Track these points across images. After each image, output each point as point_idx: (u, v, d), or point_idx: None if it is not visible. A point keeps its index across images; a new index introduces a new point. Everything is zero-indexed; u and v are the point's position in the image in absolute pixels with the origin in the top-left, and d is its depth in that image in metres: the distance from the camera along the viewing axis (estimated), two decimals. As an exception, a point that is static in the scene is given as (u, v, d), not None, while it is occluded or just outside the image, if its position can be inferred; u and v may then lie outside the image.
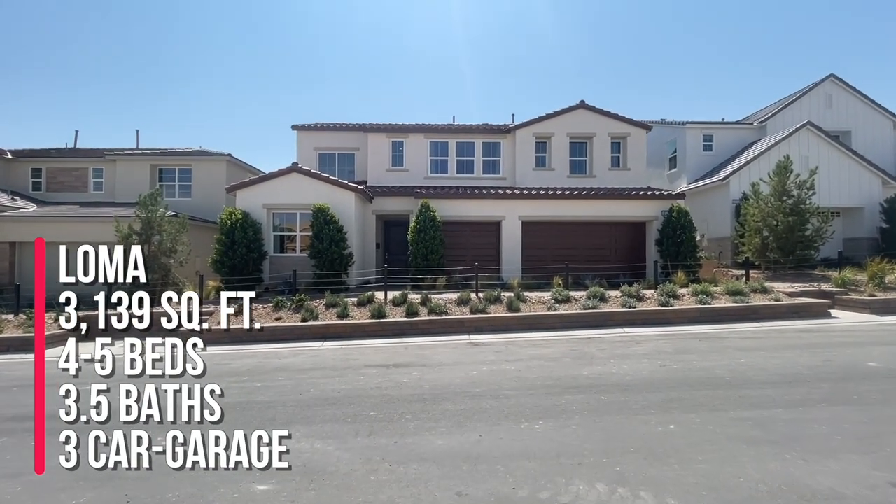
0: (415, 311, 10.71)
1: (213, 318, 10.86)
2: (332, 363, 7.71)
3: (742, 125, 21.22)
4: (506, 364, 7.11)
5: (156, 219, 14.03)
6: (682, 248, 14.73)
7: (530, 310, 10.84)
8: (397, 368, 7.11)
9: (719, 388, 5.39)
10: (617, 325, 10.16)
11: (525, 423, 4.51)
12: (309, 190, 14.45)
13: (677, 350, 7.67)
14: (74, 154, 20.42)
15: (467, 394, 5.54)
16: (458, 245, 16.04)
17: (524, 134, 18.16)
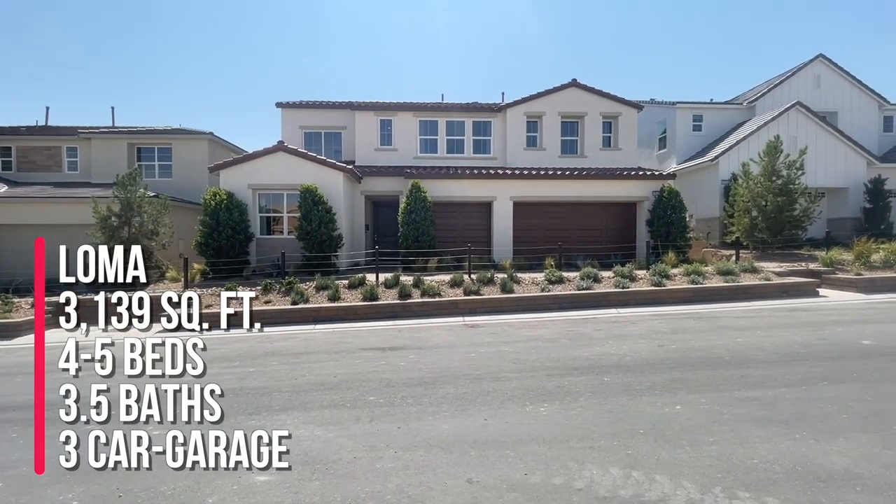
0: (407, 293, 10.55)
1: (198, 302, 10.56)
2: (325, 347, 7.55)
3: (731, 105, 21.20)
4: (503, 346, 7.02)
5: (135, 199, 13.52)
6: (673, 229, 14.78)
7: (524, 291, 10.77)
8: (393, 351, 6.98)
9: (720, 368, 5.37)
10: (611, 306, 10.17)
11: (530, 405, 4.42)
12: (296, 170, 14.03)
13: (673, 330, 7.68)
14: (47, 132, 19.46)
15: (468, 376, 5.44)
16: (449, 226, 15.85)
17: (515, 113, 17.85)
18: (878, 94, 20.82)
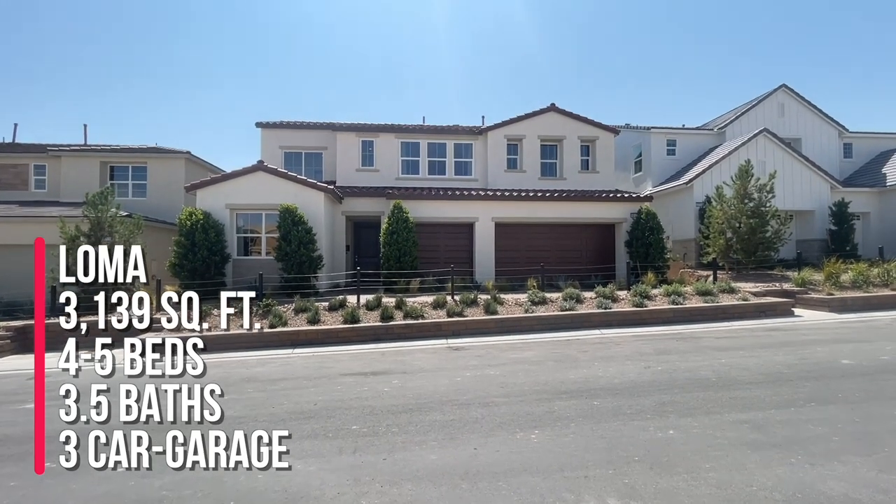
0: (390, 315, 10.33)
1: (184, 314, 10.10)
2: (304, 372, 7.25)
3: (703, 131, 22.01)
4: (489, 369, 6.87)
5: (106, 219, 13.01)
6: (651, 250, 15.02)
7: (507, 312, 10.68)
8: (376, 376, 6.74)
9: (708, 390, 5.34)
10: (594, 327, 10.15)
11: (520, 432, 4.27)
12: (275, 189, 13.80)
13: (658, 351, 7.67)
14: (13, 149, 18.77)
15: (455, 402, 5.26)
16: (431, 247, 15.76)
17: (496, 136, 18.11)
18: (838, 123, 21.96)
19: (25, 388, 7.11)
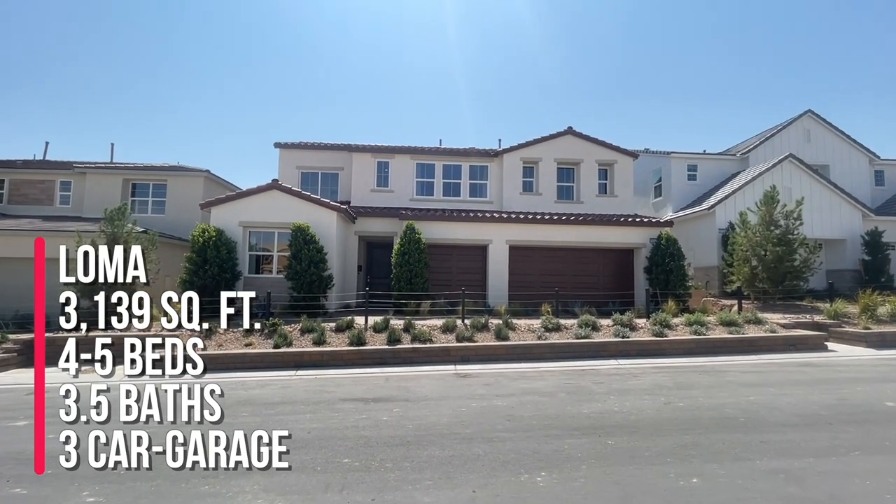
0: (397, 338, 10.02)
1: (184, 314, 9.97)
2: (303, 396, 6.95)
3: (725, 156, 21.52)
4: (496, 399, 6.47)
5: (122, 234, 13.14)
6: (672, 277, 14.45)
7: (519, 338, 10.26)
8: (377, 403, 6.40)
9: (736, 431, 4.85)
10: (610, 356, 9.65)
11: (525, 474, 3.88)
12: (289, 208, 13.81)
13: (679, 385, 7.16)
14: (41, 166, 19.40)
15: (456, 436, 4.88)
16: (444, 269, 15.48)
17: (512, 158, 17.96)
18: (868, 149, 21.23)
19: (22, 403, 6.97)
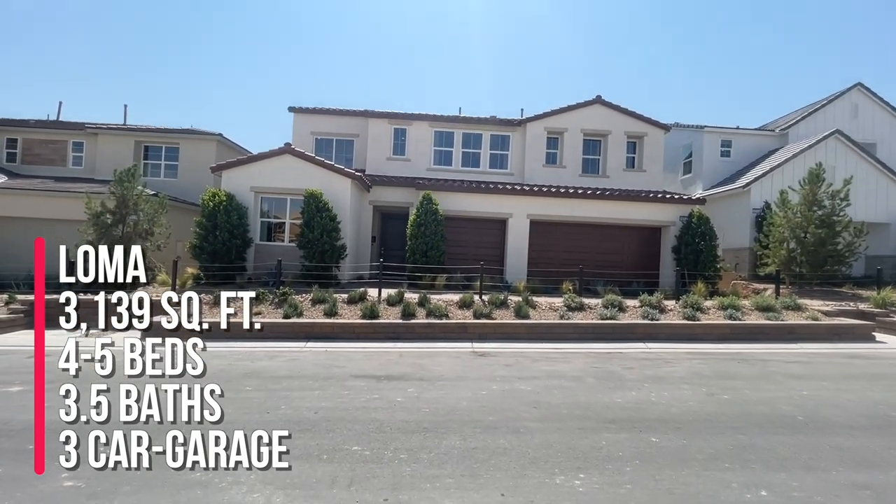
0: (412, 312, 9.55)
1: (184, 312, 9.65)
2: (312, 370, 6.54)
3: (763, 132, 20.21)
4: (519, 382, 5.96)
5: (132, 197, 12.78)
6: (702, 258, 13.66)
7: (540, 317, 9.70)
8: (390, 382, 5.94)
9: (798, 432, 4.27)
10: (638, 339, 9.06)
11: (561, 475, 3.36)
12: (302, 174, 13.25)
13: (718, 374, 6.55)
14: (54, 126, 19.06)
15: (478, 424, 4.38)
16: (460, 242, 14.88)
17: (535, 128, 17.04)
18: (920, 127, 19.68)
19: (21, 367, 6.69)
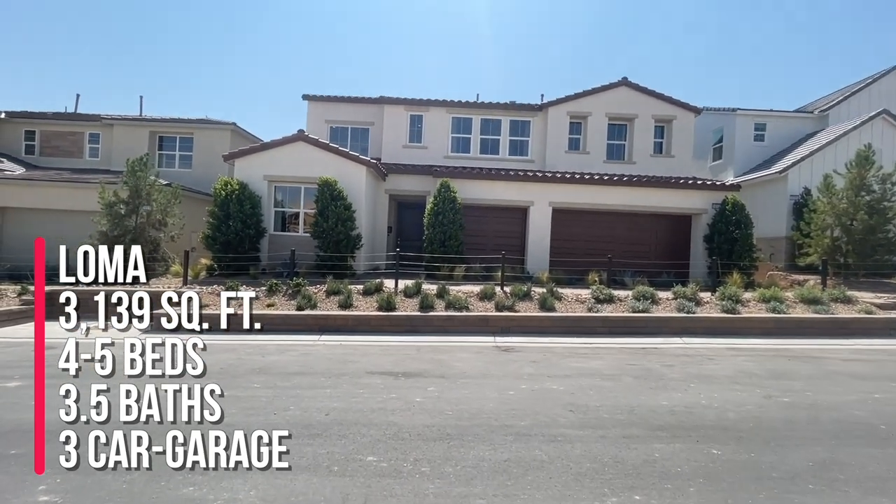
0: (430, 303, 9.06)
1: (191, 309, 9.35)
2: (325, 366, 6.11)
3: (800, 114, 19.04)
4: (550, 381, 5.43)
5: (145, 187, 12.56)
6: (737, 247, 12.84)
7: (567, 309, 9.12)
8: (408, 379, 5.47)
9: (888, 445, 3.65)
10: (673, 334, 8.41)
11: (613, 496, 2.83)
12: (316, 161, 12.83)
13: (771, 373, 5.91)
14: (70, 117, 19.04)
15: (509, 430, 3.88)
16: (479, 232, 14.32)
17: (557, 112, 16.30)
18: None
19: (24, 360, 6.42)
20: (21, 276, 11.62)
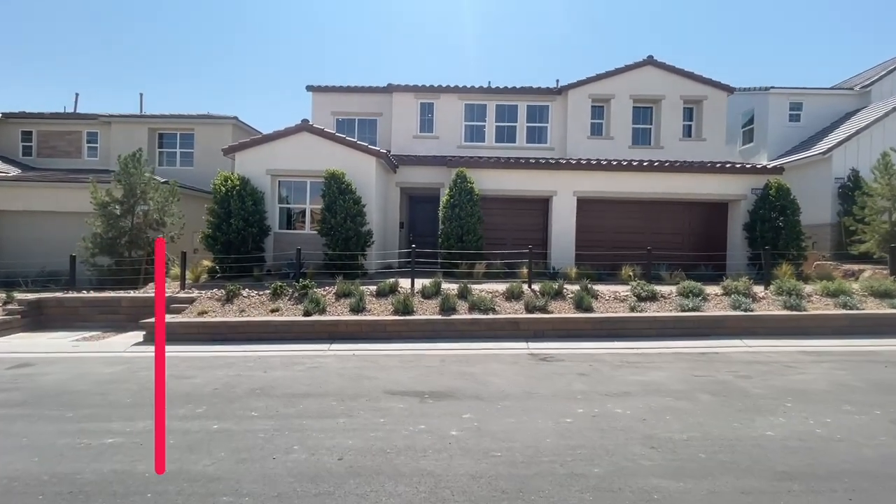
0: (451, 305, 8.11)
1: (194, 307, 8.50)
2: (336, 384, 5.18)
3: (839, 91, 17.71)
4: (610, 402, 4.44)
5: (139, 184, 11.73)
6: (782, 236, 11.70)
7: (606, 309, 8.11)
8: (437, 402, 4.52)
9: None
10: (730, 335, 7.37)
11: None
12: (321, 153, 11.90)
13: (875, 386, 4.87)
14: (68, 117, 18.32)
15: (583, 482, 2.90)
16: (497, 226, 13.31)
17: (578, 95, 15.19)
18: None
19: (4, 380, 5.58)
20: (12, 283, 10.85)
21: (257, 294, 8.98)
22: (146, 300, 9.18)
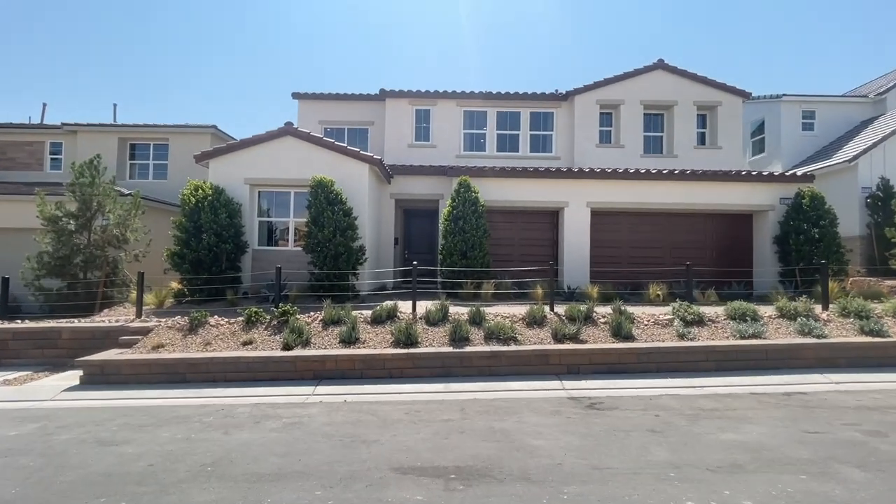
0: (464, 334, 6.69)
1: (148, 340, 6.96)
2: (324, 452, 3.72)
3: (853, 98, 17.00)
4: (720, 483, 3.06)
5: (94, 195, 10.22)
6: (819, 248, 10.58)
7: (648, 336, 6.76)
8: (469, 489, 3.09)
9: None
10: (805, 368, 6.08)
11: None
12: (308, 160, 10.55)
13: None
14: (28, 126, 16.79)
15: None
16: (502, 241, 12.02)
17: (585, 101, 14.16)
18: None
19: None
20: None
21: (228, 322, 7.47)
22: (93, 331, 7.60)
